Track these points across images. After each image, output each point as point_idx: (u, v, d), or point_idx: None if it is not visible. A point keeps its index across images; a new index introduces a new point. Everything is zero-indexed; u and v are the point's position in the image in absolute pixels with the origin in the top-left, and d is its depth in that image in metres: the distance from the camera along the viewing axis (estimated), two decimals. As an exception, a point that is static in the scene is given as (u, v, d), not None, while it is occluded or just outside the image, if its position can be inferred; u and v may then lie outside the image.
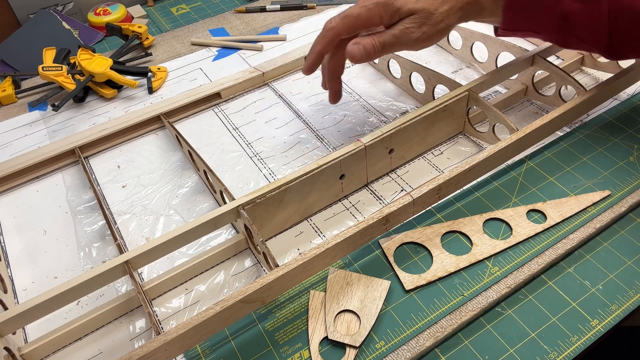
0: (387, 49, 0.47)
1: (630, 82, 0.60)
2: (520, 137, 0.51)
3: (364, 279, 0.44)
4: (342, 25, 0.48)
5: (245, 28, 0.82)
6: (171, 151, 0.61)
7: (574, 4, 0.46)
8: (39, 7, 0.84)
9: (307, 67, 0.52)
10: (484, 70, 0.67)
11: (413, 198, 0.46)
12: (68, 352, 0.43)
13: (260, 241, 0.43)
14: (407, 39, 0.47)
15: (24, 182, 0.58)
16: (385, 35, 0.47)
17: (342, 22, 0.48)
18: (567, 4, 0.47)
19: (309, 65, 0.52)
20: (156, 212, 0.54)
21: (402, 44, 0.47)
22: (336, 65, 0.52)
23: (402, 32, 0.46)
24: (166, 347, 0.37)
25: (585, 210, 0.48)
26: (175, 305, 0.45)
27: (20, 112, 0.69)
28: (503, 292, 0.43)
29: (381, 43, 0.46)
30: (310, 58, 0.51)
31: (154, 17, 0.88)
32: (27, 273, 0.49)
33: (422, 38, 0.47)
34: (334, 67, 0.52)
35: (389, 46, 0.47)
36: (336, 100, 0.55)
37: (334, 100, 0.55)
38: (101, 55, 0.70)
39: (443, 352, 0.40)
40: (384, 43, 0.46)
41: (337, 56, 0.51)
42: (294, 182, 0.47)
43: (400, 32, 0.46)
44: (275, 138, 0.61)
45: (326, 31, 0.49)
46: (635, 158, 0.53)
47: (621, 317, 0.41)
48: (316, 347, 0.40)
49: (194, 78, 0.72)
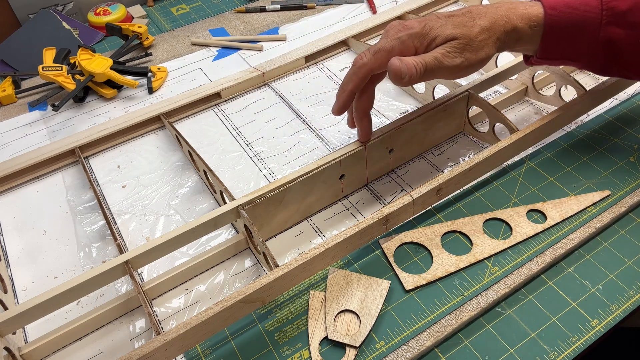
0: (429, 74, 0.43)
1: (630, 82, 0.60)
2: (520, 137, 0.51)
3: (364, 279, 0.44)
4: (375, 61, 0.44)
5: (245, 28, 0.82)
6: (171, 151, 0.61)
7: (618, 30, 0.45)
8: (39, 7, 0.84)
9: (339, 108, 0.48)
10: (484, 71, 0.67)
11: (413, 198, 0.46)
12: (68, 352, 0.43)
13: (260, 241, 0.43)
14: (449, 63, 0.43)
15: (24, 182, 0.58)
16: (427, 57, 0.43)
17: (374, 58, 0.44)
18: (610, 30, 0.45)
19: (341, 106, 0.47)
20: (156, 212, 0.54)
21: (443, 69, 0.44)
22: (367, 102, 0.48)
23: (443, 56, 0.43)
24: (166, 347, 0.37)
25: (585, 210, 0.48)
26: (175, 305, 0.45)
27: (20, 112, 0.69)
28: (503, 292, 0.43)
29: (424, 65, 0.42)
30: (342, 98, 0.47)
31: (154, 17, 0.88)
32: (27, 273, 0.49)
33: (463, 65, 0.44)
34: (365, 103, 0.48)
35: (430, 70, 0.43)
36: (367, 138, 0.50)
37: (365, 137, 0.50)
38: (101, 55, 0.70)
39: (443, 352, 0.40)
40: (426, 65, 0.43)
41: (367, 92, 0.47)
42: (294, 182, 0.47)
43: (442, 55, 0.43)
44: (275, 138, 0.61)
45: (358, 68, 0.45)
46: (635, 158, 0.53)
47: (621, 317, 0.41)
48: (316, 347, 0.40)
49: (194, 78, 0.72)
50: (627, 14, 0.44)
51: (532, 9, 0.46)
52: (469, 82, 0.56)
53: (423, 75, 0.43)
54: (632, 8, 0.44)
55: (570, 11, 0.45)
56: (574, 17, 0.45)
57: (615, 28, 0.45)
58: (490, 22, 0.45)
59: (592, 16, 0.45)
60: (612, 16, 0.45)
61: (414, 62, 0.42)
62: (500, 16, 0.45)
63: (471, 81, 0.56)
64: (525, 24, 0.46)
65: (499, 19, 0.45)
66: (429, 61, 0.43)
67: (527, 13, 0.46)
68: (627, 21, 0.44)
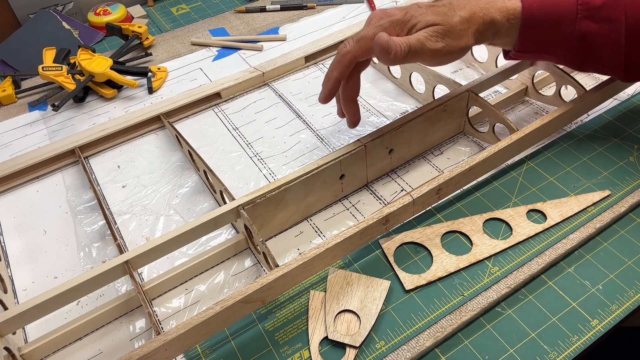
0: (412, 55, 0.44)
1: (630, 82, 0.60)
2: (520, 137, 0.51)
3: (364, 279, 0.44)
4: (358, 48, 0.46)
5: (245, 28, 0.82)
6: (171, 151, 0.61)
7: (592, 25, 0.46)
8: (39, 7, 0.84)
9: (325, 96, 0.49)
10: (484, 70, 0.67)
11: (413, 198, 0.46)
12: (68, 352, 0.43)
13: (260, 241, 0.43)
14: (431, 46, 0.44)
15: (24, 182, 0.58)
16: (411, 38, 0.44)
17: (357, 45, 0.46)
18: (585, 23, 0.46)
19: (327, 93, 0.49)
20: (156, 212, 0.54)
21: (426, 52, 0.44)
22: (353, 89, 0.50)
23: (426, 39, 0.44)
24: (166, 347, 0.37)
25: (585, 210, 0.48)
26: (175, 305, 0.45)
27: (20, 112, 0.69)
28: (503, 292, 0.43)
29: (407, 45, 0.43)
30: (327, 86, 0.49)
31: (154, 17, 0.88)
32: (27, 273, 0.49)
33: (444, 50, 0.45)
34: (351, 90, 0.50)
35: (414, 51, 0.44)
36: (355, 124, 0.52)
37: (353, 124, 0.52)
38: (101, 55, 0.70)
39: (443, 352, 0.40)
40: (409, 45, 0.43)
41: (353, 79, 0.49)
42: (294, 182, 0.47)
43: (425, 38, 0.44)
44: (275, 138, 0.61)
45: (342, 56, 0.46)
46: (635, 158, 0.53)
47: (621, 317, 0.41)
48: (316, 347, 0.40)
49: (194, 78, 0.72)
50: (601, 8, 0.45)
51: (510, 3, 0.47)
52: (469, 82, 0.56)
53: (407, 55, 0.44)
54: (605, 3, 0.45)
55: (546, 5, 0.46)
56: (550, 11, 0.46)
57: (590, 23, 0.46)
58: (469, 13, 0.46)
59: (567, 10, 0.46)
60: (586, 10, 0.46)
61: (399, 41, 0.43)
62: (480, 8, 0.46)
63: (471, 81, 0.56)
64: (504, 17, 0.47)
65: (478, 10, 0.46)
66: (412, 42, 0.44)
67: (505, 6, 0.47)
68: (601, 16, 0.46)
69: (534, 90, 0.61)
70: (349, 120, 0.52)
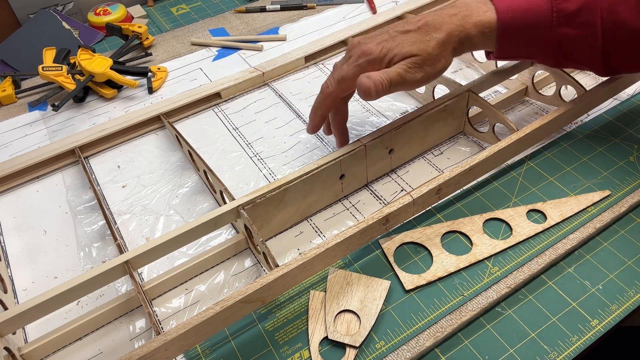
0: (393, 87, 0.46)
1: (630, 82, 0.60)
2: (520, 137, 0.51)
3: (364, 279, 0.44)
4: (340, 89, 0.49)
5: (245, 28, 0.82)
6: (171, 151, 0.61)
7: (569, 30, 0.46)
8: (39, 7, 0.84)
9: (312, 129, 0.53)
10: (484, 70, 0.67)
11: (413, 198, 0.46)
12: (68, 352, 0.43)
13: (260, 241, 0.43)
14: (411, 78, 0.46)
15: (24, 182, 0.58)
16: (391, 73, 0.46)
17: (339, 87, 0.48)
18: (562, 30, 0.46)
19: (315, 128, 0.53)
20: (156, 212, 0.54)
21: (406, 84, 0.46)
22: (341, 117, 0.53)
23: (405, 72, 0.46)
24: (166, 347, 0.37)
25: (585, 210, 0.48)
26: (175, 305, 0.45)
27: (20, 112, 0.69)
28: (503, 292, 0.43)
29: (388, 80, 0.45)
30: (314, 120, 0.52)
31: (154, 17, 0.88)
32: (27, 273, 0.49)
33: (423, 78, 0.47)
34: (340, 120, 0.53)
35: (395, 85, 0.46)
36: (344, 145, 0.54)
37: (341, 145, 0.54)
38: (101, 55, 0.70)
39: (443, 352, 0.40)
40: (390, 80, 0.45)
41: (340, 110, 0.53)
42: (294, 182, 0.47)
43: (404, 71, 0.46)
44: (275, 138, 0.61)
45: (325, 96, 0.50)
46: (635, 158, 0.53)
47: (621, 317, 0.41)
48: (316, 347, 0.40)
49: (194, 78, 0.72)
50: (576, 14, 0.46)
51: (486, 15, 0.47)
52: (469, 82, 0.56)
53: (388, 89, 0.45)
54: (581, 8, 0.45)
55: (521, 14, 0.46)
56: (526, 20, 0.46)
57: (567, 28, 0.46)
58: (445, 34, 0.46)
59: (543, 18, 0.46)
60: (562, 17, 0.46)
61: (379, 78, 0.45)
62: (455, 26, 0.47)
63: (471, 81, 0.56)
64: (479, 31, 0.47)
65: (454, 29, 0.47)
66: (392, 76, 0.45)
67: (481, 21, 0.47)
68: (577, 21, 0.46)
69: (534, 90, 0.61)
70: (338, 142, 0.55)
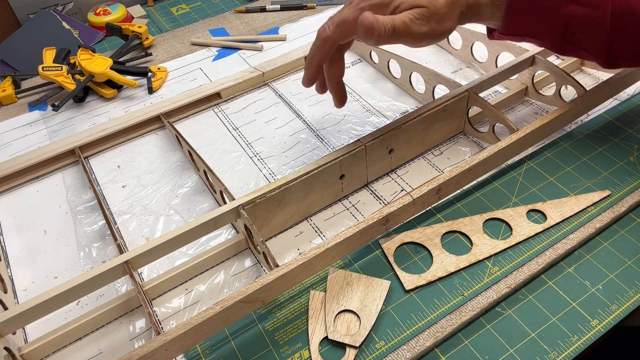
0: (396, 36, 0.42)
1: (630, 82, 0.60)
2: (520, 137, 0.51)
3: (364, 279, 0.44)
4: (338, 33, 0.45)
5: (245, 28, 0.82)
6: (171, 151, 0.61)
7: (578, 8, 0.45)
8: (39, 7, 0.84)
9: (308, 81, 0.50)
10: (484, 70, 0.67)
11: (413, 198, 0.46)
12: (68, 352, 0.43)
13: (260, 241, 0.43)
14: (415, 30, 0.43)
15: (24, 182, 0.58)
16: (396, 19, 0.42)
17: (337, 30, 0.45)
18: (571, 8, 0.45)
19: (310, 79, 0.50)
20: (156, 212, 0.54)
21: (410, 35, 0.43)
22: (337, 70, 0.50)
23: (411, 22, 0.42)
24: (166, 347, 0.37)
25: (585, 210, 0.48)
26: (175, 305, 0.45)
27: (20, 112, 0.69)
28: (503, 292, 0.43)
29: (392, 26, 0.42)
30: (309, 71, 0.49)
31: (154, 17, 0.88)
32: (27, 273, 0.49)
33: (429, 34, 0.44)
34: (336, 73, 0.50)
35: (398, 33, 0.42)
36: (342, 104, 0.52)
37: (340, 104, 0.52)
38: (101, 55, 0.70)
39: (443, 352, 0.40)
40: (394, 27, 0.42)
41: (336, 61, 0.49)
42: (294, 182, 0.47)
43: (410, 21, 0.42)
44: (275, 138, 0.61)
45: (322, 41, 0.46)
46: (635, 158, 0.53)
47: (621, 317, 0.41)
48: (316, 347, 0.40)
49: (194, 78, 0.72)
50: None
51: None
52: (469, 82, 0.56)
53: (390, 36, 0.42)
54: None
55: None
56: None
57: (576, 7, 0.45)
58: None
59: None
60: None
61: (384, 21, 0.41)
62: None
63: (471, 81, 0.56)
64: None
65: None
66: (397, 23, 0.42)
67: None
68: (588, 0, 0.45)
69: (534, 90, 0.61)
70: (336, 100, 0.51)
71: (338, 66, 0.49)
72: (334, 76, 0.50)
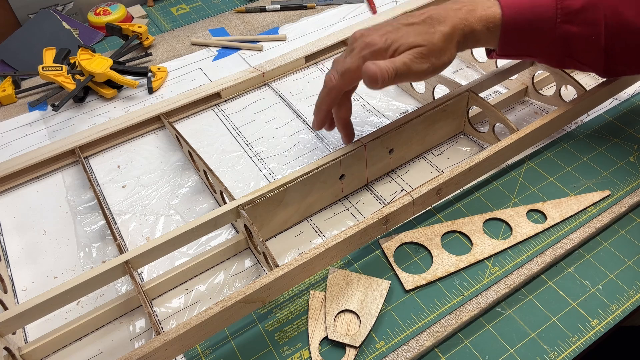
0: (399, 77, 0.45)
1: (630, 82, 0.60)
2: (520, 137, 0.51)
3: (364, 279, 0.44)
4: (344, 81, 0.47)
5: (245, 28, 0.82)
6: (171, 151, 0.61)
7: (572, 27, 0.46)
8: (39, 7, 0.84)
9: (317, 124, 0.52)
10: (484, 70, 0.67)
11: (413, 198, 0.46)
12: (68, 352, 0.43)
13: (260, 241, 0.43)
14: (417, 68, 0.45)
15: (24, 182, 0.58)
16: (397, 62, 0.44)
17: (342, 80, 0.47)
18: (565, 27, 0.46)
19: (320, 123, 0.52)
20: (156, 212, 0.54)
21: (411, 74, 0.45)
22: (345, 112, 0.52)
23: (411, 62, 0.45)
24: (166, 347, 0.37)
25: (585, 210, 0.48)
26: (175, 305, 0.45)
27: (20, 112, 0.69)
28: (503, 292, 0.43)
29: (394, 69, 0.44)
30: (319, 116, 0.51)
31: (154, 17, 0.88)
32: (27, 273, 0.49)
33: (429, 70, 0.46)
34: (344, 113, 0.52)
35: (400, 75, 0.45)
36: (350, 141, 0.53)
37: (348, 141, 0.53)
38: (101, 55, 0.70)
39: (443, 352, 0.40)
40: (396, 70, 0.44)
41: (344, 104, 0.51)
42: (294, 182, 0.47)
43: (410, 61, 0.45)
44: (275, 138, 0.61)
45: (329, 90, 0.48)
46: (635, 158, 0.53)
47: (621, 317, 0.41)
48: (316, 347, 0.40)
49: (194, 78, 0.72)
50: (580, 11, 0.45)
51: (490, 10, 0.47)
52: (469, 82, 0.56)
53: (394, 79, 0.44)
54: (585, 6, 0.45)
55: (526, 10, 0.46)
56: (530, 16, 0.46)
57: (570, 26, 0.46)
58: (450, 27, 0.46)
59: (547, 15, 0.46)
60: (566, 15, 0.46)
61: (385, 66, 0.44)
62: (460, 20, 0.46)
63: (471, 81, 0.56)
64: (484, 26, 0.47)
65: (458, 22, 0.46)
66: (399, 66, 0.44)
67: (486, 15, 0.47)
68: (581, 19, 0.46)
69: (534, 90, 0.61)
70: (345, 138, 0.53)
71: (345, 108, 0.51)
72: (342, 118, 0.52)
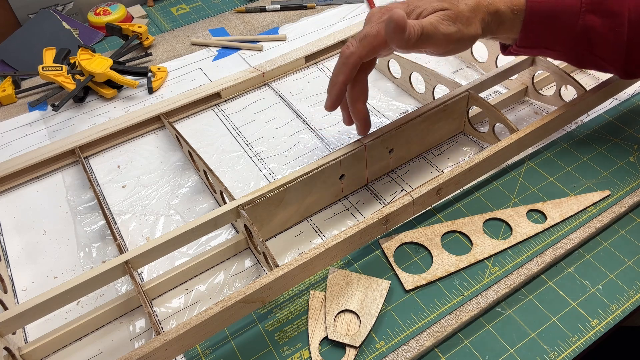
0: (424, 39, 0.41)
1: (630, 82, 0.60)
2: (520, 137, 0.51)
3: (364, 279, 0.44)
4: (362, 48, 0.43)
5: (245, 28, 0.82)
6: (171, 151, 0.61)
7: (596, 19, 0.45)
8: (39, 7, 0.84)
9: (331, 103, 0.46)
10: (484, 70, 0.67)
11: (413, 198, 0.46)
12: (68, 352, 0.43)
13: (260, 241, 0.43)
14: (444, 30, 0.42)
15: (24, 182, 0.58)
16: (424, 21, 0.41)
17: (361, 45, 0.43)
18: (588, 18, 0.45)
19: (334, 100, 0.46)
20: (156, 212, 0.54)
21: (438, 36, 0.42)
22: (360, 93, 0.47)
23: (439, 22, 0.42)
24: (166, 347, 0.37)
25: (585, 210, 0.48)
26: (175, 305, 0.45)
27: (20, 112, 0.69)
28: (503, 292, 0.43)
29: (421, 27, 0.41)
30: (333, 91, 0.45)
31: (154, 17, 0.88)
32: (27, 273, 0.49)
33: (456, 35, 0.43)
34: (359, 94, 0.47)
35: (427, 35, 0.41)
36: (367, 131, 0.49)
37: (364, 131, 0.49)
38: (101, 55, 0.70)
39: (443, 352, 0.40)
40: (422, 28, 0.41)
41: (359, 82, 0.46)
42: (294, 182, 0.47)
43: (437, 22, 0.42)
44: (275, 138, 0.61)
45: (346, 58, 0.43)
46: (635, 158, 0.53)
47: (621, 317, 0.41)
48: (316, 347, 0.40)
49: (194, 78, 0.72)
50: (605, 1, 0.45)
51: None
52: (469, 82, 0.56)
53: (419, 38, 0.41)
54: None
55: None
56: (555, 3, 0.46)
57: (593, 16, 0.46)
58: (474, 2, 0.45)
59: (571, 3, 0.46)
60: (591, 4, 0.45)
61: (412, 23, 0.40)
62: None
63: (471, 81, 0.56)
64: (508, 7, 0.46)
65: (482, 0, 0.45)
66: (425, 24, 0.41)
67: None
68: (605, 9, 0.45)
69: (534, 90, 0.61)
70: (360, 128, 0.49)
71: (361, 86, 0.46)
72: (356, 98, 0.47)
